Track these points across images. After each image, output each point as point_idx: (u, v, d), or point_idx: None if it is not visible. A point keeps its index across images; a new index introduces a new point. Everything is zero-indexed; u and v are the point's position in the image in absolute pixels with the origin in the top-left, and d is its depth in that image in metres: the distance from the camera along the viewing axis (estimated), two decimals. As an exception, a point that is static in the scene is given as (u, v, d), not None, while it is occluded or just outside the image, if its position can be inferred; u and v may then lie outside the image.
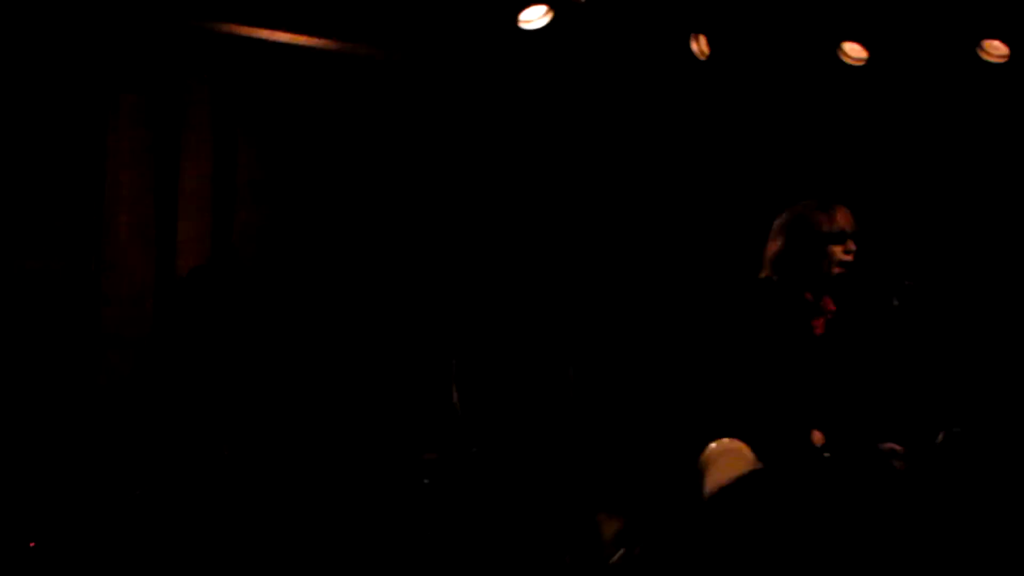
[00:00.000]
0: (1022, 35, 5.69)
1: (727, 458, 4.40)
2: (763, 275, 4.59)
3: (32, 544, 5.04)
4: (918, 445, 4.38)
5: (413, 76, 6.12)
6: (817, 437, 4.42)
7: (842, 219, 4.52)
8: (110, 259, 5.70)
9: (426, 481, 5.32)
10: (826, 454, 4.38)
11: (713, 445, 4.45)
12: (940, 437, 4.27)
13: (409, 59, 6.08)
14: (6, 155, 5.53)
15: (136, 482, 5.22)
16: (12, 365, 5.51)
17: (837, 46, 5.88)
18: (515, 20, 5.75)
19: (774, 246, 4.57)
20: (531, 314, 6.15)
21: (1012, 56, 5.70)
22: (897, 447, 4.39)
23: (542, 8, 5.72)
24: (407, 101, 6.14)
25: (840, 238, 4.49)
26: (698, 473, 4.45)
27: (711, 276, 5.84)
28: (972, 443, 4.46)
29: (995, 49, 5.71)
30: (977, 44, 5.73)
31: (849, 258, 4.50)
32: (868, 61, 5.86)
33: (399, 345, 5.97)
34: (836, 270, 4.50)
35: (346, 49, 5.98)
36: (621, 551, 4.64)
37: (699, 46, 5.87)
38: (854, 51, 5.88)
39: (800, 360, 4.44)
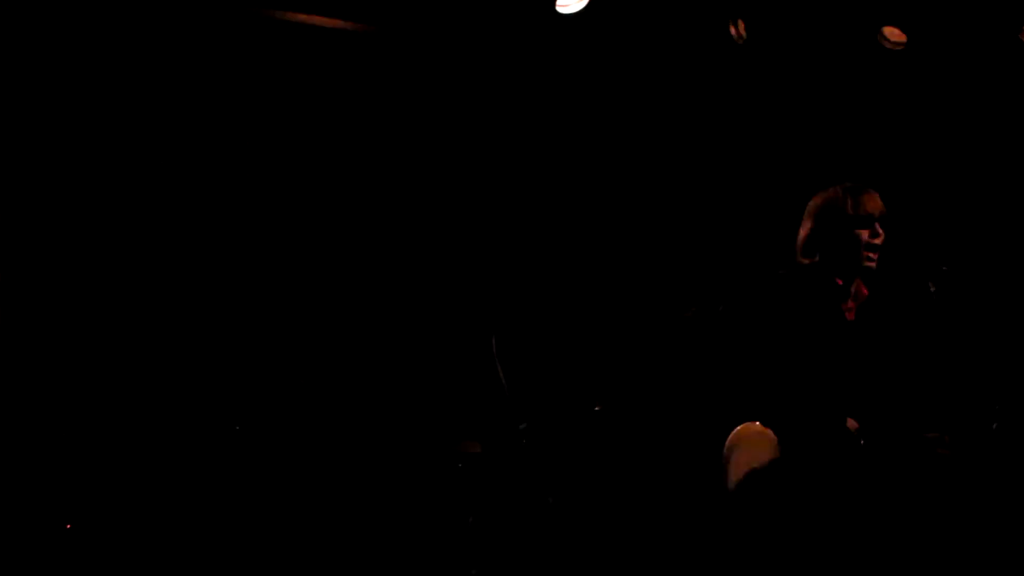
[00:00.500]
0: None
1: (751, 443, 4.45)
2: (796, 260, 4.61)
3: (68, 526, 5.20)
4: (963, 433, 4.42)
5: (448, 60, 6.16)
6: (851, 425, 4.41)
7: (870, 203, 4.52)
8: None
9: (460, 465, 5.39)
10: (862, 441, 4.37)
11: (738, 430, 4.50)
12: (994, 426, 4.35)
13: (445, 43, 6.13)
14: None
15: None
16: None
17: (877, 30, 5.89)
18: (552, 4, 5.78)
19: (804, 230, 4.60)
20: (563, 290, 6.22)
21: None
22: (944, 436, 4.42)
23: None
24: (440, 85, 6.19)
25: (867, 222, 4.50)
26: (724, 458, 4.50)
27: (745, 260, 5.89)
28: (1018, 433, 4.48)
29: None
30: (1019, 28, 5.70)
31: (877, 242, 4.50)
32: (907, 45, 5.88)
33: (429, 330, 6.05)
34: (866, 254, 4.50)
35: (374, 31, 6.05)
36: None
37: (737, 31, 5.91)
38: (894, 35, 5.89)
39: (831, 346, 4.44)
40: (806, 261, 4.57)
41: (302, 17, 5.89)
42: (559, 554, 5.39)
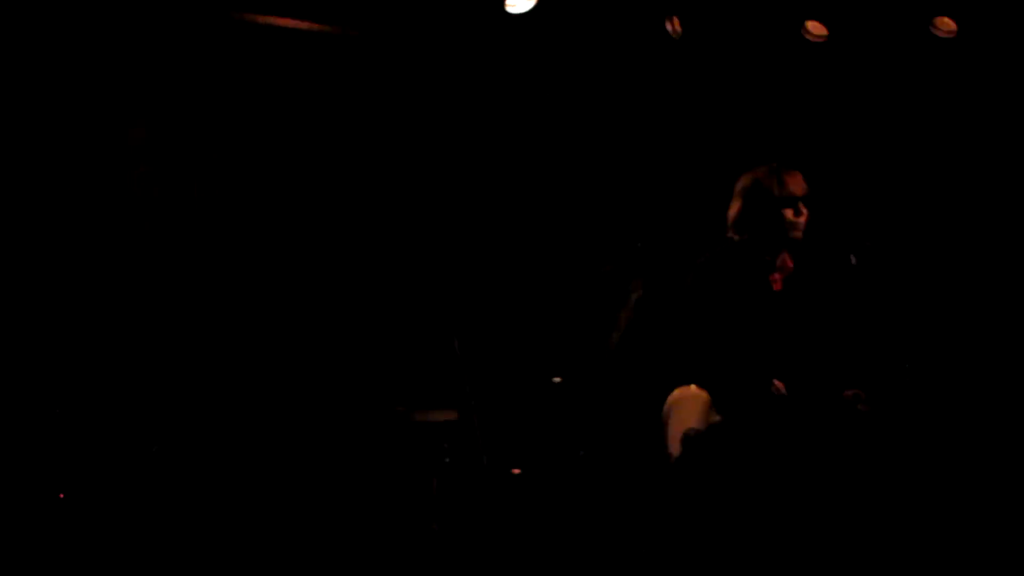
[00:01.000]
0: (970, 12, 5.97)
1: (688, 404, 4.68)
2: (727, 236, 4.84)
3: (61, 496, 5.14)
4: (878, 389, 4.66)
5: (400, 60, 6.25)
6: (778, 386, 4.64)
7: (794, 184, 4.74)
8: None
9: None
10: (789, 400, 4.61)
11: (676, 393, 4.74)
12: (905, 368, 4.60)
13: (396, 43, 6.22)
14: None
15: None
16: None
17: (801, 24, 6.11)
18: (501, 4, 5.95)
19: (733, 209, 4.82)
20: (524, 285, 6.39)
21: (960, 32, 5.97)
22: (860, 392, 4.67)
23: None
24: (394, 84, 6.28)
25: (791, 202, 4.73)
26: (662, 420, 4.73)
27: (679, 236, 6.06)
28: (927, 382, 4.79)
29: (945, 25, 6.00)
30: (929, 21, 6.01)
31: (801, 220, 4.74)
32: (829, 38, 6.09)
33: (395, 329, 6.14)
34: (791, 232, 4.73)
35: (333, 32, 6.13)
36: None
37: (673, 26, 6.08)
38: (816, 29, 6.10)
39: (760, 314, 4.67)
40: (736, 238, 4.78)
41: (269, 19, 6.00)
42: (519, 525, 5.49)
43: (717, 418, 4.64)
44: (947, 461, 4.84)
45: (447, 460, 5.48)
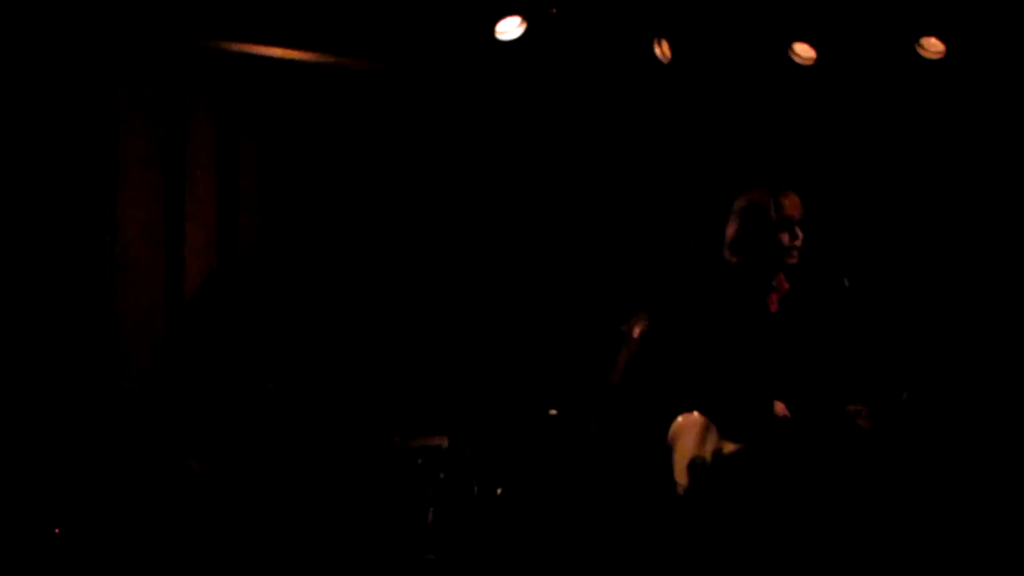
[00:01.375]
0: (958, 33, 6.00)
1: (692, 431, 4.65)
2: (723, 256, 4.82)
3: (57, 531, 5.14)
4: (879, 406, 4.64)
5: (399, 86, 6.34)
6: (779, 408, 4.64)
7: (790, 207, 4.74)
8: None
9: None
10: (791, 421, 4.60)
11: (679, 420, 4.71)
12: (904, 396, 4.57)
13: (393, 70, 6.31)
14: (24, 159, 5.70)
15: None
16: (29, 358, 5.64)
17: (788, 46, 6.13)
18: (492, 31, 6.00)
19: (731, 230, 4.80)
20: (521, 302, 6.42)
21: (948, 53, 6.01)
22: (861, 407, 4.64)
23: (517, 19, 5.97)
24: (393, 109, 6.37)
25: (787, 224, 4.72)
26: (667, 448, 4.70)
27: (676, 260, 5.98)
28: (930, 402, 4.80)
29: (932, 46, 6.02)
30: (916, 41, 6.03)
31: (797, 243, 4.73)
32: (817, 60, 6.12)
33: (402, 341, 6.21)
34: (786, 254, 4.72)
35: (332, 61, 6.22)
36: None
37: (662, 50, 6.10)
38: (804, 51, 6.13)
39: (756, 335, 4.66)
40: (733, 260, 4.78)
41: (259, 49, 6.08)
42: (516, 547, 5.50)
43: (720, 444, 4.64)
44: (950, 473, 4.86)
45: (440, 487, 5.47)
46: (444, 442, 5.57)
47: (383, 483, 5.57)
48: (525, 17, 5.98)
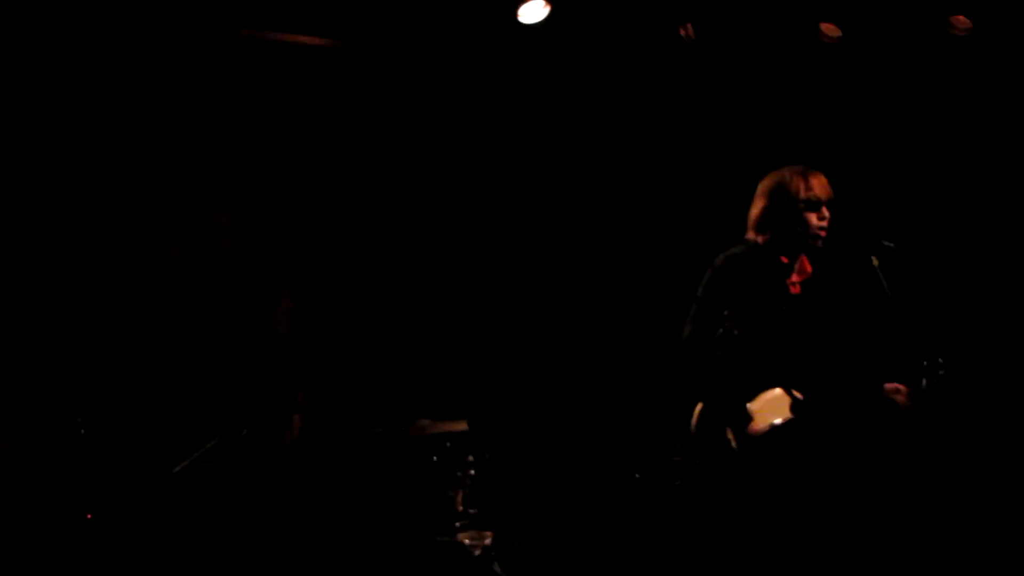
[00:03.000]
0: (986, 9, 5.95)
1: (774, 404, 4.59)
2: (747, 236, 4.81)
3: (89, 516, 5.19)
4: (917, 384, 4.60)
5: (414, 71, 6.33)
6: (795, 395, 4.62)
7: (818, 187, 4.73)
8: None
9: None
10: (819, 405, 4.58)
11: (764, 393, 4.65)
12: (940, 373, 4.53)
13: (410, 55, 6.30)
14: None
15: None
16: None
17: (815, 26, 6.09)
18: (514, 16, 5.98)
19: (756, 209, 4.80)
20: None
21: (976, 29, 5.96)
22: (900, 386, 4.64)
23: (540, 3, 5.94)
24: (409, 96, 6.36)
25: (815, 205, 4.72)
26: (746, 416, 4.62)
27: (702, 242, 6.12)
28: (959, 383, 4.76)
29: (961, 23, 5.98)
30: (945, 19, 5.99)
31: (824, 223, 4.72)
32: (842, 39, 6.08)
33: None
34: (812, 234, 4.70)
35: (346, 47, 6.23)
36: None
37: (687, 32, 6.11)
38: (830, 30, 6.10)
39: (780, 318, 4.65)
40: (758, 239, 4.77)
41: (279, 36, 6.11)
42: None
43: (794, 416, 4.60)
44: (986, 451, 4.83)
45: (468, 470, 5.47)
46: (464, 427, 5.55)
47: (412, 467, 5.55)
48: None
